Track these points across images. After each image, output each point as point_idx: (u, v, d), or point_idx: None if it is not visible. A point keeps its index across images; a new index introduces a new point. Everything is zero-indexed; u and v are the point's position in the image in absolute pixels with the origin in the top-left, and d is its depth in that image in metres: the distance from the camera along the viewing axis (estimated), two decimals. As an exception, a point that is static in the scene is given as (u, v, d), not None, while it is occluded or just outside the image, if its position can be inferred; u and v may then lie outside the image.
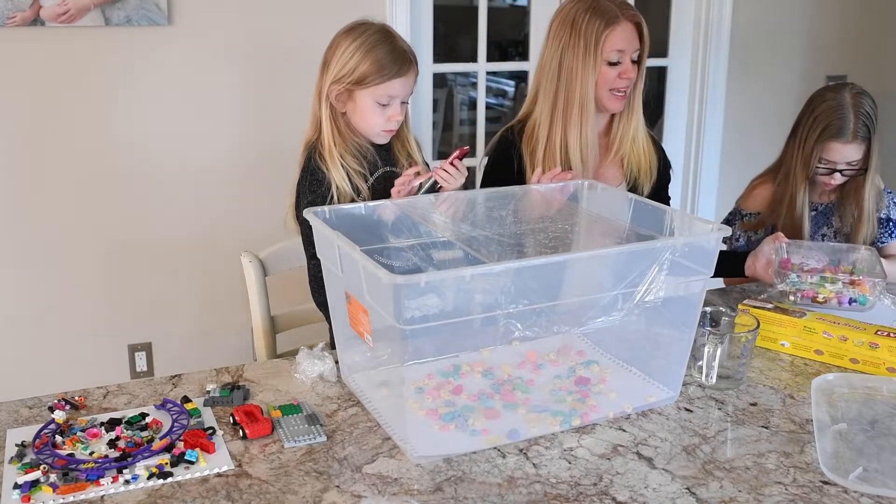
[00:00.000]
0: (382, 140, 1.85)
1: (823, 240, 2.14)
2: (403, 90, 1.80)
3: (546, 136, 1.99)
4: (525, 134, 2.02)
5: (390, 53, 1.76)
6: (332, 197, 1.78)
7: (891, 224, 2.11)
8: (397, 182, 1.74)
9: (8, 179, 2.64)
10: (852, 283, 1.77)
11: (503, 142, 2.07)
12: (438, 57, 3.15)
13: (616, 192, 1.67)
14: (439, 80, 3.24)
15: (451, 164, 1.73)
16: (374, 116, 1.79)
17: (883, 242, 2.13)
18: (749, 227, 2.17)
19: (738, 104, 3.50)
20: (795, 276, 1.81)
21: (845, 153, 1.98)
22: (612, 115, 2.03)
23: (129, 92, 2.69)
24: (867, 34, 3.70)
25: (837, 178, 2.02)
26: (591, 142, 1.97)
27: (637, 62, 1.96)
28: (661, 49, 3.53)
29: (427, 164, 1.97)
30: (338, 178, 1.77)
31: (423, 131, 3.17)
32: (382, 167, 1.87)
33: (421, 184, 1.74)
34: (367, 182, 1.82)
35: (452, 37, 4.01)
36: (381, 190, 1.84)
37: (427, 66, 3.12)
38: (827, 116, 1.98)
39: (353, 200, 1.78)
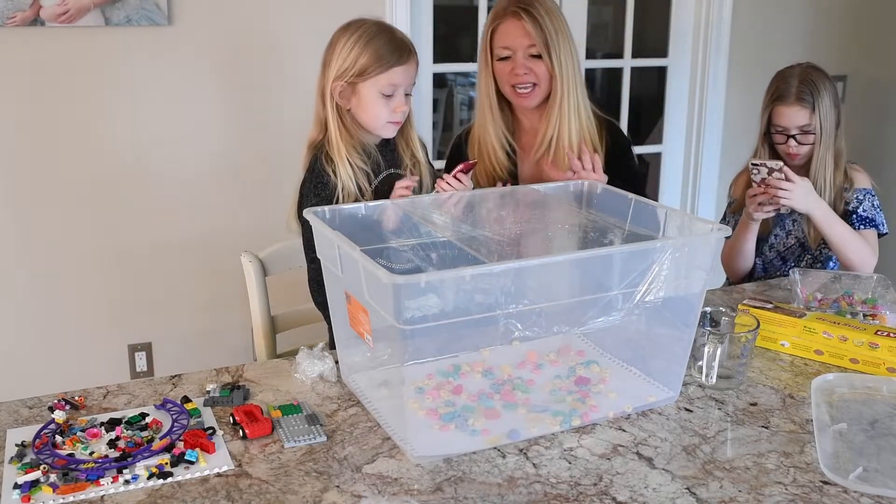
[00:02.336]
0: (389, 133, 1.84)
1: (794, 224, 2.21)
2: (406, 79, 1.80)
3: (476, 136, 2.07)
4: (470, 137, 2.11)
5: (389, 43, 1.77)
6: (337, 198, 1.77)
7: (853, 217, 2.14)
8: (393, 196, 1.75)
9: (8, 179, 2.64)
10: (873, 316, 1.77)
11: (454, 147, 2.18)
12: (438, 57, 3.15)
13: (616, 192, 1.67)
14: (439, 80, 3.24)
15: (455, 177, 1.73)
16: (378, 108, 1.79)
17: None
18: (734, 210, 2.31)
19: (738, 104, 3.50)
20: (814, 305, 1.83)
21: (790, 116, 2.12)
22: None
23: (130, 92, 2.69)
24: (867, 34, 3.71)
25: (792, 145, 2.14)
26: (503, 139, 2.03)
27: (539, 57, 1.94)
28: (661, 49, 3.53)
29: (431, 165, 1.98)
30: (344, 175, 1.77)
31: (423, 131, 3.15)
32: (386, 169, 1.87)
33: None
34: (370, 183, 1.82)
35: (452, 37, 4.01)
36: (384, 192, 1.84)
37: (427, 66, 3.12)
38: (775, 83, 2.18)
39: (356, 200, 1.78)
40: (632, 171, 2.10)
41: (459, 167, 1.75)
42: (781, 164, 2.00)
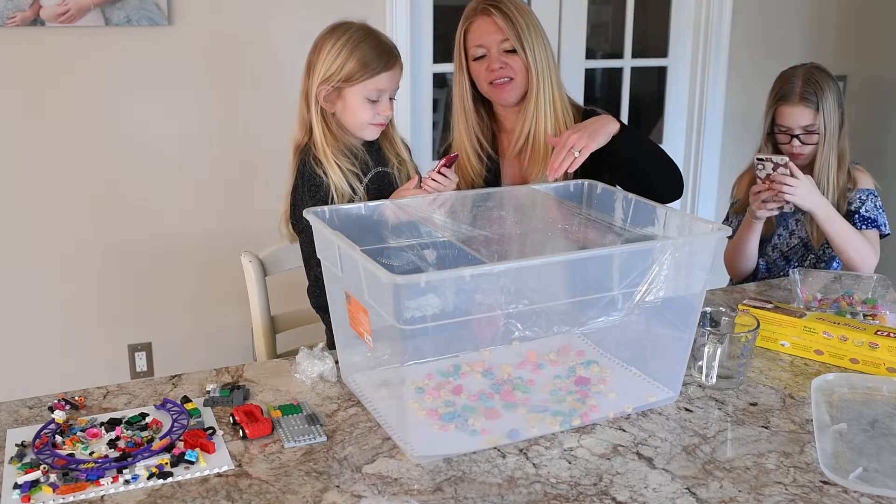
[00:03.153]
0: (372, 135, 1.85)
1: (798, 224, 2.21)
2: (391, 84, 1.81)
3: (455, 143, 2.07)
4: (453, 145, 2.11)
5: (375, 48, 1.78)
6: (332, 198, 1.77)
7: (856, 217, 2.14)
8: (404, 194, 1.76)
9: (7, 179, 2.64)
10: (873, 316, 1.77)
11: (442, 154, 2.18)
12: (438, 57, 3.15)
13: (616, 192, 1.67)
14: (439, 80, 3.23)
15: (440, 172, 1.73)
16: (363, 112, 1.80)
17: None
18: (737, 210, 2.32)
19: (738, 104, 3.50)
20: (814, 304, 1.84)
21: (794, 116, 2.13)
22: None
23: (129, 92, 2.69)
24: (867, 34, 3.71)
25: (796, 145, 2.15)
26: (475, 143, 2.04)
27: (514, 52, 1.95)
28: (661, 49, 3.53)
29: (415, 164, 1.98)
30: (335, 177, 1.77)
31: (423, 131, 3.17)
32: (374, 167, 1.87)
33: None
34: (361, 182, 1.82)
35: (452, 37, 4.00)
36: (374, 190, 1.84)
37: (427, 66, 3.12)
38: (779, 83, 2.19)
39: (350, 200, 1.78)
40: (625, 138, 1.97)
41: (442, 161, 1.75)
42: (787, 159, 2.01)
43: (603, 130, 1.85)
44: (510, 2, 1.96)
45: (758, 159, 2.06)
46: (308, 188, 1.79)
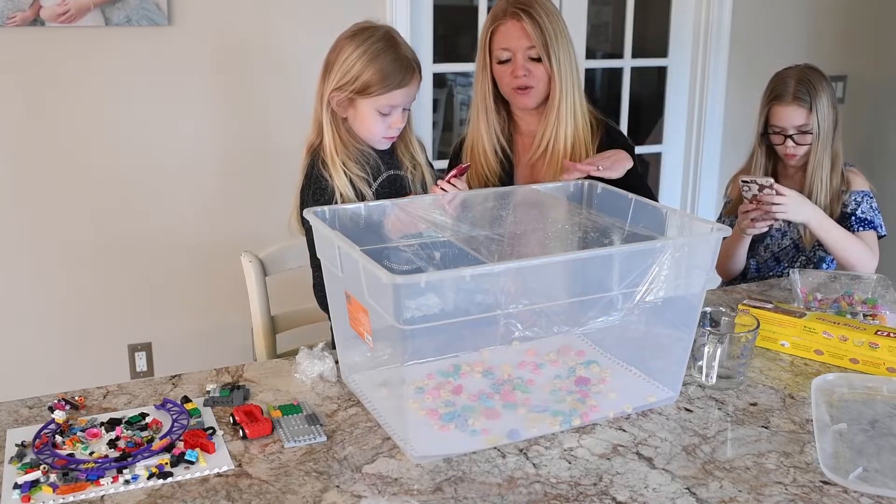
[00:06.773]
0: (383, 146, 1.84)
1: (790, 225, 2.21)
2: (406, 99, 1.78)
3: (470, 140, 2.06)
4: (465, 142, 2.10)
5: (394, 63, 1.73)
6: (336, 202, 1.76)
7: (852, 219, 2.14)
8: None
9: (7, 179, 2.64)
10: (873, 316, 1.77)
11: (452, 155, 2.17)
12: (438, 57, 3.15)
13: (616, 192, 1.67)
14: (439, 80, 3.24)
15: (450, 182, 1.72)
16: (374, 124, 1.77)
17: None
18: (730, 211, 2.32)
19: (738, 104, 3.50)
20: (814, 304, 1.84)
21: (788, 115, 2.12)
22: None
23: (129, 92, 2.69)
24: (867, 34, 3.71)
25: (790, 145, 2.14)
26: (496, 143, 2.02)
27: (538, 60, 1.92)
28: (661, 49, 3.53)
29: (431, 165, 1.97)
30: (341, 184, 1.76)
31: (423, 131, 3.16)
32: (386, 171, 1.86)
33: None
34: (370, 187, 1.81)
35: (452, 37, 4.01)
36: (385, 194, 1.83)
37: (427, 66, 3.12)
38: (772, 84, 2.19)
39: None
40: (634, 175, 1.99)
41: (453, 172, 1.73)
42: (772, 180, 1.99)
43: (622, 165, 1.85)
44: (541, 6, 1.91)
45: (742, 181, 2.04)
46: (314, 190, 1.78)
